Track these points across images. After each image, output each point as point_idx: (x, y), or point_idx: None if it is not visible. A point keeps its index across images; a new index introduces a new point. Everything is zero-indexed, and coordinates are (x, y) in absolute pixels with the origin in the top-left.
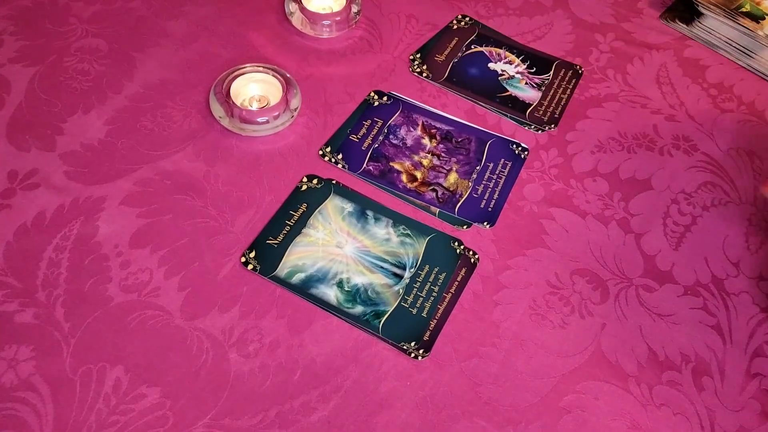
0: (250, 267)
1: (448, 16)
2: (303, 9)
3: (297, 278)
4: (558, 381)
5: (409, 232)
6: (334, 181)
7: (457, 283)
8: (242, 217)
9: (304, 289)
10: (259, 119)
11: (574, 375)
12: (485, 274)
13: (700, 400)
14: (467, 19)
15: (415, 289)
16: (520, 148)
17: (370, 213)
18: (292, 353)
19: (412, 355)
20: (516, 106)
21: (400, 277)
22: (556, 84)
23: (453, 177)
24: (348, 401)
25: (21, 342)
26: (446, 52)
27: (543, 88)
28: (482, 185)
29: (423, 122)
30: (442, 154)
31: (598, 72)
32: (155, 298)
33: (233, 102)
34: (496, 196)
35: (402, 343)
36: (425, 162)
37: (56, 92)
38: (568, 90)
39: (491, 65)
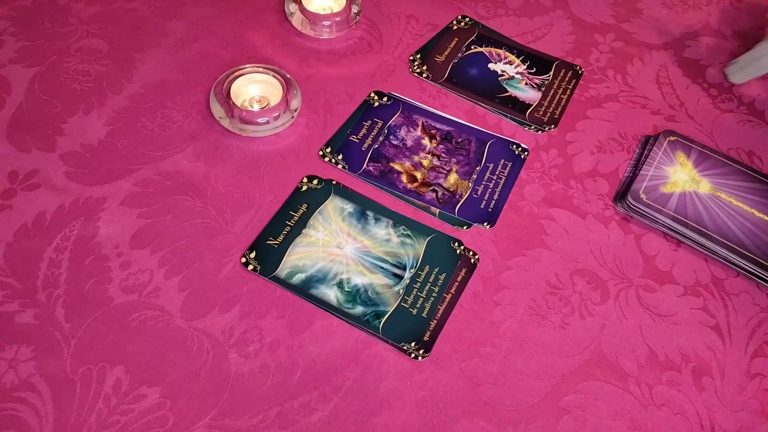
0: (250, 267)
1: (448, 16)
2: (303, 9)
3: (297, 279)
4: (558, 381)
5: (409, 232)
6: (334, 182)
7: (457, 283)
8: (242, 217)
9: (304, 289)
10: (259, 120)
11: (574, 375)
12: (485, 274)
13: (700, 400)
14: (467, 19)
15: (416, 290)
16: (520, 149)
17: (370, 213)
18: (292, 353)
19: (412, 355)
20: (516, 107)
21: (400, 277)
22: (556, 84)
23: (453, 177)
24: (348, 401)
25: (21, 342)
26: (446, 53)
27: (543, 89)
28: (482, 186)
29: (423, 123)
30: (442, 155)
31: (598, 72)
32: (155, 299)
33: (233, 102)
34: (496, 196)
35: (402, 344)
36: (425, 162)
37: (56, 93)
38: (568, 90)
39: (491, 66)
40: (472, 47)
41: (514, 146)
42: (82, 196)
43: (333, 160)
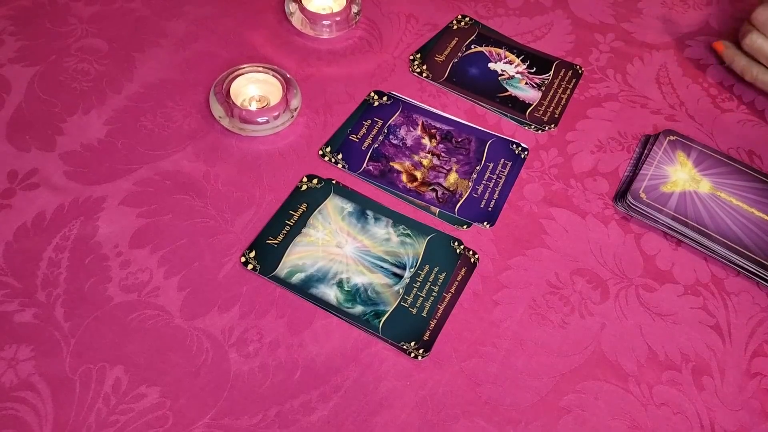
0: (249, 267)
1: (448, 16)
2: (303, 9)
3: (297, 278)
4: (558, 381)
5: (409, 232)
6: (334, 181)
7: (457, 282)
8: (242, 217)
9: (304, 288)
10: (259, 119)
11: (574, 375)
12: (485, 273)
13: (700, 399)
14: (467, 19)
15: (415, 289)
16: (520, 148)
17: (370, 213)
18: (292, 353)
19: (412, 354)
20: (516, 106)
21: (400, 276)
22: (556, 84)
23: (453, 177)
24: (348, 401)
25: (21, 342)
26: (446, 52)
27: (543, 88)
28: (482, 185)
29: (423, 122)
30: (442, 154)
31: (598, 72)
32: (155, 298)
33: (233, 102)
34: (496, 196)
35: (402, 343)
36: (425, 162)
37: (56, 92)
38: (568, 90)
39: (491, 65)
40: (472, 47)
41: (514, 146)
42: (82, 196)
43: (333, 160)
